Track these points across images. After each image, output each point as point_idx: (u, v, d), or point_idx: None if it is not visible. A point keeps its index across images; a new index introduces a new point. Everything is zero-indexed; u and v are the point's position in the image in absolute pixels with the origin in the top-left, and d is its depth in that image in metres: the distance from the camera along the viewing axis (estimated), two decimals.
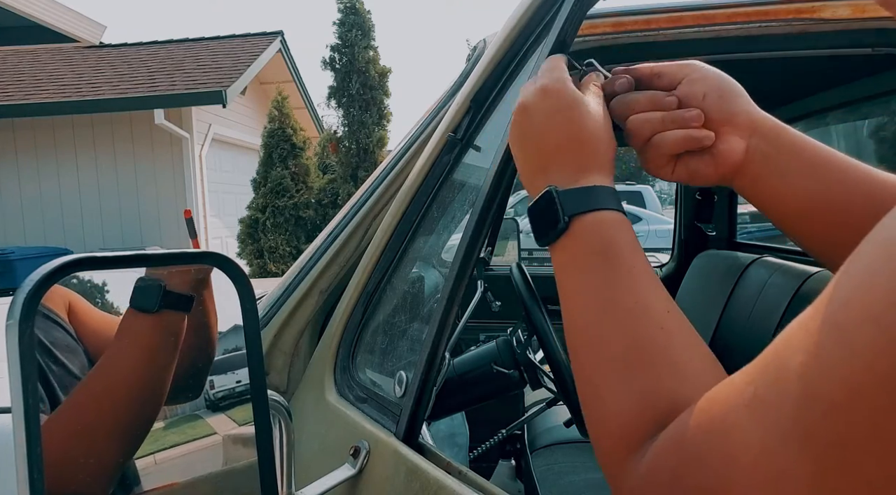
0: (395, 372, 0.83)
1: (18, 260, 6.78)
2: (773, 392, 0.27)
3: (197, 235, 7.28)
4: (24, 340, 0.41)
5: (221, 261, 0.57)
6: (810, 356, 0.25)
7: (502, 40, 0.82)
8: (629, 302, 0.43)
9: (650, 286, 0.44)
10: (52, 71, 9.30)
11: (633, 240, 0.46)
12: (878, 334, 0.23)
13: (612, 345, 0.42)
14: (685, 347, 0.41)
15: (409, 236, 0.94)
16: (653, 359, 0.40)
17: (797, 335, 0.27)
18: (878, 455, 0.23)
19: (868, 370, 0.23)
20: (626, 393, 0.40)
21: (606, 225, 0.46)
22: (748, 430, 0.28)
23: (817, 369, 0.25)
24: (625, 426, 0.39)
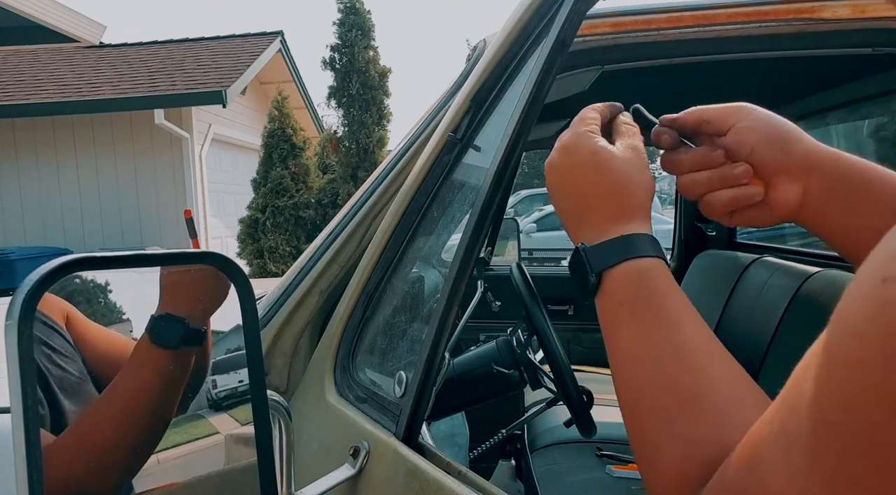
0: (395, 372, 0.83)
1: (18, 260, 6.78)
2: (792, 421, 0.27)
3: (197, 235, 7.27)
4: (23, 340, 0.41)
5: (221, 261, 0.57)
6: (818, 381, 0.26)
7: (502, 40, 0.82)
8: (661, 350, 0.43)
9: (683, 329, 0.43)
10: (53, 71, 9.30)
11: (664, 285, 0.45)
12: (860, 347, 0.23)
13: (650, 394, 0.42)
14: (725, 387, 0.41)
15: (408, 236, 0.94)
16: (690, 406, 0.40)
17: (810, 363, 0.27)
18: (881, 469, 0.23)
19: (862, 388, 0.23)
20: (670, 442, 0.40)
21: (634, 275, 0.46)
22: (774, 461, 0.28)
23: (822, 393, 0.25)
24: (674, 473, 0.39)
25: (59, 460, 0.51)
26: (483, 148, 0.87)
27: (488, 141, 0.85)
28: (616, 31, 0.94)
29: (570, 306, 2.38)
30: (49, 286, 0.43)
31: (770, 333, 1.44)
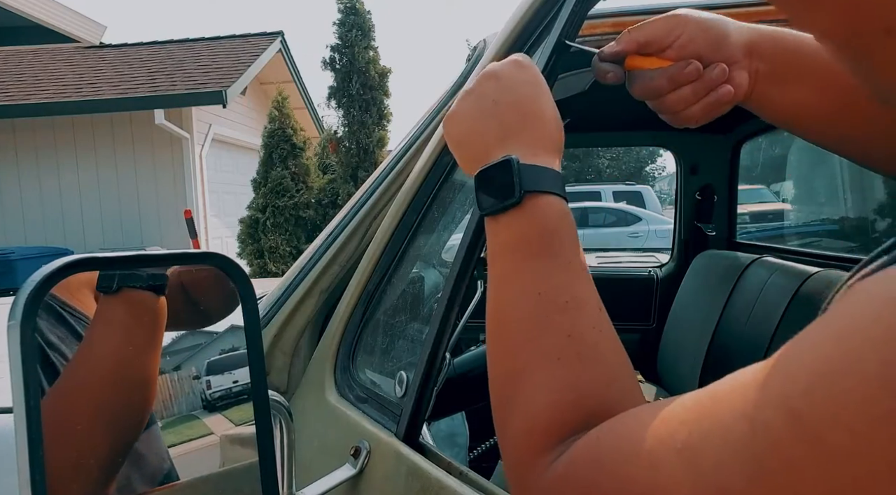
0: (396, 372, 0.83)
1: (19, 260, 6.78)
2: (710, 449, 0.26)
3: (197, 235, 7.27)
4: (25, 341, 0.41)
5: (222, 261, 0.57)
6: (757, 434, 0.24)
7: (503, 40, 0.82)
8: (566, 295, 0.41)
9: (586, 283, 0.42)
10: (53, 71, 9.30)
11: (575, 233, 0.45)
12: (792, 423, 0.23)
13: (546, 337, 0.40)
14: (614, 351, 0.40)
15: (409, 236, 0.94)
16: (583, 357, 0.39)
17: (737, 397, 0.26)
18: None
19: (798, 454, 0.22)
20: (553, 389, 0.38)
21: (556, 210, 0.44)
22: (678, 474, 0.27)
23: (769, 452, 0.24)
24: (549, 417, 0.37)
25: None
26: None
27: None
28: (616, 31, 0.94)
29: None
30: (51, 287, 0.43)
31: (770, 333, 1.44)
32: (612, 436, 0.32)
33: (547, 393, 0.38)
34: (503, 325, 0.43)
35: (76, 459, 0.52)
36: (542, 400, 0.38)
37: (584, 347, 0.39)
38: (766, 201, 5.73)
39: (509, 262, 0.44)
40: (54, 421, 0.51)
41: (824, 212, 3.26)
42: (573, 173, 19.58)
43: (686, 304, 2.08)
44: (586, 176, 19.38)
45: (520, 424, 0.39)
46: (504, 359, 0.42)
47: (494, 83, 0.50)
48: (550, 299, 0.41)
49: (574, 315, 0.40)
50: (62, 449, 0.50)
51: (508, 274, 0.44)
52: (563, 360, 0.39)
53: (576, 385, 0.38)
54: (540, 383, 0.39)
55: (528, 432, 0.38)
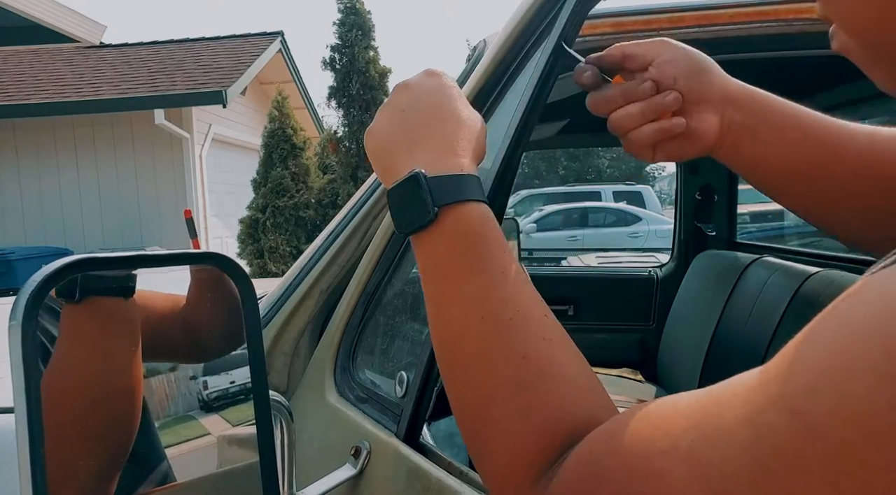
0: (396, 372, 0.83)
1: (19, 260, 6.78)
2: (716, 456, 0.25)
3: (197, 235, 7.27)
4: (26, 341, 0.41)
5: (222, 261, 0.57)
6: (761, 436, 0.24)
7: (503, 40, 0.82)
8: (509, 311, 0.38)
9: (525, 289, 0.40)
10: (53, 71, 9.30)
11: (501, 237, 0.42)
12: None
13: (499, 361, 0.37)
14: (570, 358, 0.38)
15: None
16: (544, 375, 0.36)
17: (738, 401, 0.26)
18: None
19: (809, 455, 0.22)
20: (520, 415, 0.35)
21: (476, 219, 0.42)
22: (684, 483, 0.26)
23: (771, 452, 0.23)
24: (529, 448, 0.35)
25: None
26: None
27: (489, 141, 0.85)
28: (617, 31, 0.94)
29: (570, 306, 2.38)
30: (52, 287, 0.43)
31: (770, 333, 1.44)
32: (607, 449, 0.31)
33: (518, 422, 0.36)
34: (452, 354, 0.40)
35: (63, 476, 0.50)
36: (515, 430, 0.36)
37: (542, 363, 0.37)
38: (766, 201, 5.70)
39: (442, 286, 0.41)
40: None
41: None
42: (573, 173, 19.59)
43: (686, 304, 2.08)
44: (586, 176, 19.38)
45: (499, 459, 0.36)
46: (462, 391, 0.39)
47: (404, 93, 0.49)
48: (494, 319, 0.38)
49: (523, 331, 0.38)
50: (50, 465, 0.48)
51: (444, 298, 0.41)
52: (524, 385, 0.36)
53: (545, 407, 0.36)
54: (507, 414, 0.36)
55: (510, 466, 0.36)
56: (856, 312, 0.23)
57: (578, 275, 2.71)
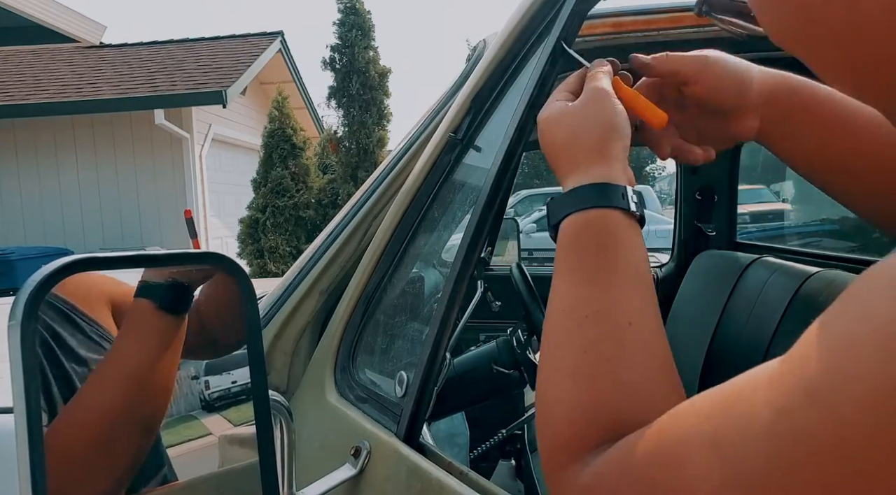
0: (396, 372, 0.83)
1: (19, 260, 6.77)
2: (739, 438, 0.26)
3: (197, 235, 7.27)
4: (26, 341, 0.41)
5: (222, 261, 0.57)
6: (780, 415, 0.24)
7: (503, 40, 0.82)
8: (587, 309, 0.42)
9: (613, 293, 0.43)
10: (53, 71, 9.29)
11: (608, 241, 0.45)
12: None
13: (565, 351, 0.41)
14: (639, 363, 0.40)
15: (409, 236, 0.94)
16: (598, 372, 0.40)
17: (764, 384, 0.26)
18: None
19: (833, 441, 0.22)
20: (570, 402, 0.39)
21: (574, 227, 0.46)
22: (706, 467, 0.27)
23: (787, 431, 0.24)
24: (568, 432, 0.39)
25: (61, 434, 0.50)
26: (483, 148, 0.87)
27: (489, 141, 0.85)
28: (617, 31, 0.94)
29: None
30: (52, 286, 0.43)
31: (770, 333, 1.44)
32: (637, 443, 0.33)
33: (562, 409, 0.40)
34: (544, 335, 0.45)
35: (101, 460, 0.53)
36: (558, 416, 0.40)
37: (601, 363, 0.40)
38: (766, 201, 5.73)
39: (554, 282, 0.46)
40: (84, 421, 0.52)
41: (824, 212, 3.26)
42: None
43: (686, 304, 2.08)
44: None
45: (546, 435, 0.40)
46: (540, 371, 0.44)
47: (593, 103, 0.52)
48: (571, 314, 0.42)
49: (591, 330, 0.41)
50: (89, 448, 0.51)
51: (550, 294, 0.46)
52: (576, 376, 0.40)
53: (587, 401, 0.39)
54: (556, 398, 0.41)
55: (552, 445, 0.39)
56: (867, 295, 0.23)
57: None
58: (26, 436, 0.41)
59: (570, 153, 0.50)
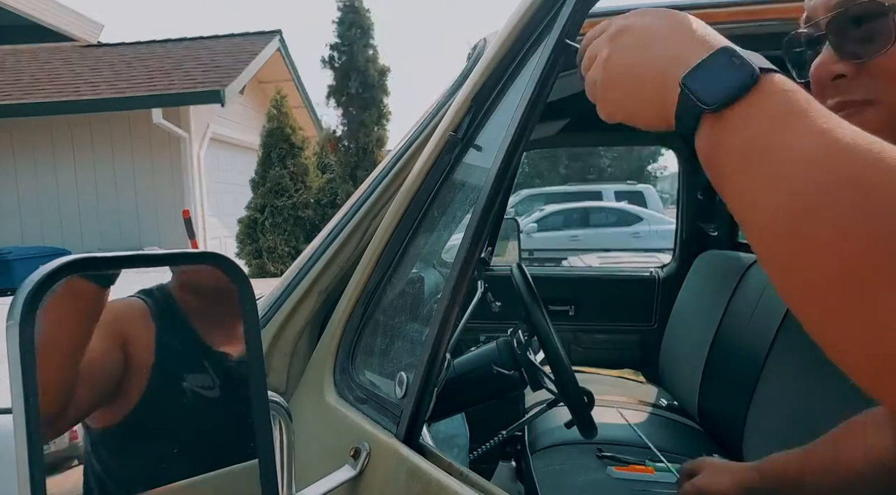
0: (395, 373, 0.83)
1: (16, 260, 6.77)
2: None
3: (195, 236, 7.27)
4: (24, 340, 0.41)
5: (221, 261, 0.56)
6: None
7: (504, 39, 0.82)
8: (846, 146, 0.30)
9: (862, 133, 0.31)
10: (51, 70, 9.28)
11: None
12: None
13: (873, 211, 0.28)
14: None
15: (409, 236, 0.94)
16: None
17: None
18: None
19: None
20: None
21: (792, 84, 0.36)
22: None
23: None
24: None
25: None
26: (484, 147, 0.87)
27: (489, 140, 0.84)
28: None
29: (572, 306, 2.38)
30: (50, 287, 0.43)
31: (772, 333, 1.44)
32: None
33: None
34: (795, 231, 0.31)
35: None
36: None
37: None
38: None
39: (764, 154, 0.33)
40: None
41: None
42: (574, 173, 19.61)
43: (688, 305, 2.08)
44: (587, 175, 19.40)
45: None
46: (819, 278, 0.30)
47: (634, 29, 0.46)
48: (844, 163, 0.30)
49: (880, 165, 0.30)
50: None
51: (773, 156, 0.33)
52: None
53: None
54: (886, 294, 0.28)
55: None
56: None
57: (580, 275, 2.71)
58: (25, 436, 0.40)
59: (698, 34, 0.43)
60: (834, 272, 0.29)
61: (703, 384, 1.75)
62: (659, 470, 1.39)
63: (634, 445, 1.55)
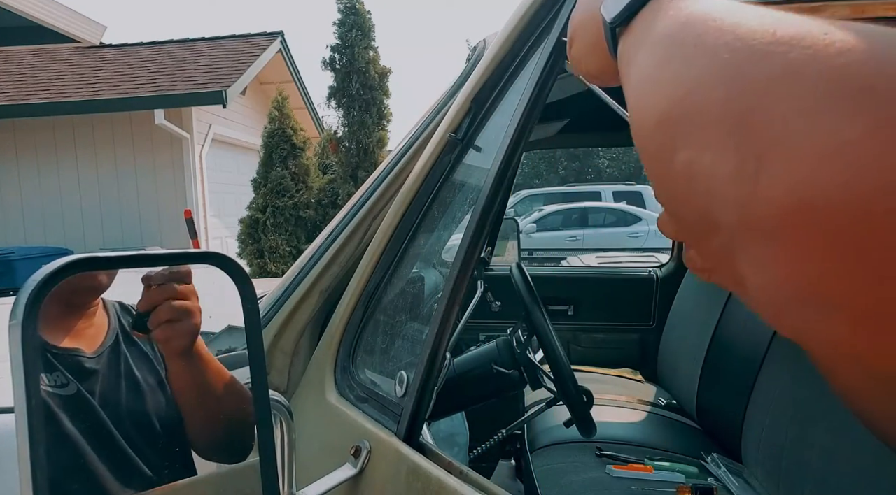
0: (396, 372, 0.83)
1: (19, 260, 6.78)
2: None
3: (197, 235, 7.27)
4: (26, 340, 0.41)
5: (223, 261, 0.57)
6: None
7: (503, 40, 0.82)
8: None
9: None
10: (53, 71, 9.29)
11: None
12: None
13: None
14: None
15: (409, 236, 0.94)
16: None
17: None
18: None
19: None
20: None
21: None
22: None
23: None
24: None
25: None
26: (484, 148, 0.87)
27: (489, 141, 0.85)
28: None
29: (570, 306, 2.38)
30: (53, 286, 0.43)
31: (770, 332, 1.44)
32: None
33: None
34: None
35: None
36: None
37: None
38: None
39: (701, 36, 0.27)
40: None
41: None
42: (573, 173, 19.58)
43: (686, 304, 2.08)
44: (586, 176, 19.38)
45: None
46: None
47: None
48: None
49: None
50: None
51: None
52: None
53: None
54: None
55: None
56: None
57: (578, 275, 2.71)
58: (27, 436, 0.41)
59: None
60: (655, 117, 0.29)
61: (701, 383, 1.75)
62: (658, 468, 1.40)
63: (633, 444, 1.56)
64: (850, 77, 0.21)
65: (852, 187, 0.20)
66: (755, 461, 1.38)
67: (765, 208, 0.22)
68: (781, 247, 0.21)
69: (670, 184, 0.28)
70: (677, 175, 0.27)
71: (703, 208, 0.25)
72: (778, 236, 0.22)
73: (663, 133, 0.28)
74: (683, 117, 0.26)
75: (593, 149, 17.71)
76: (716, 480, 1.37)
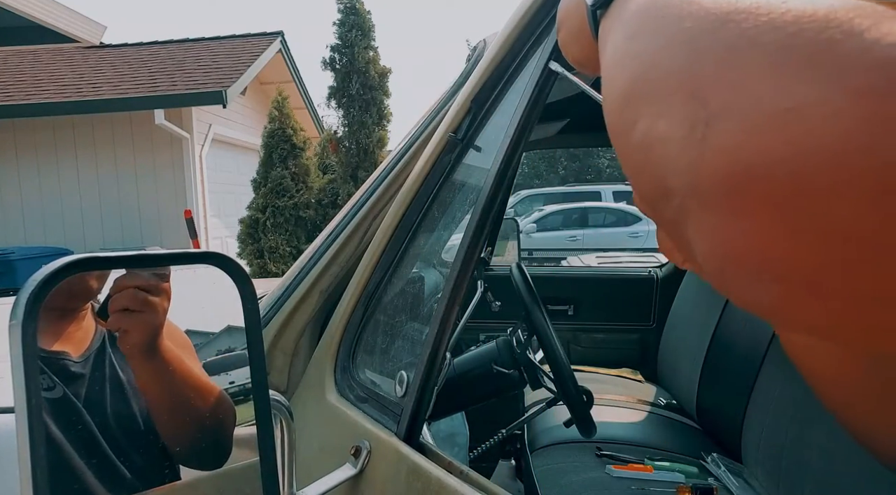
0: (396, 372, 0.83)
1: (19, 260, 6.78)
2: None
3: (197, 235, 7.27)
4: (27, 340, 0.41)
5: (223, 261, 0.57)
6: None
7: (503, 40, 0.82)
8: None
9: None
10: (53, 71, 9.30)
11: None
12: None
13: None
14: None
15: (409, 236, 0.94)
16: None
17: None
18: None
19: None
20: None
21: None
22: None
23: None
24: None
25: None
26: (484, 148, 0.87)
27: (489, 141, 0.85)
28: None
29: (570, 306, 2.38)
30: (53, 286, 0.43)
31: (770, 333, 1.44)
32: None
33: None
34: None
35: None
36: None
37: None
38: None
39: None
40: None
41: None
42: (573, 173, 19.59)
43: (686, 304, 2.08)
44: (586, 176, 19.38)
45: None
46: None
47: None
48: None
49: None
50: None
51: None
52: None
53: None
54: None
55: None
56: None
57: (578, 275, 2.70)
58: (27, 436, 0.41)
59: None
60: (622, 93, 0.28)
61: (701, 383, 1.75)
62: (658, 468, 1.40)
63: (633, 444, 1.56)
64: (801, 46, 0.21)
65: (793, 156, 0.19)
66: (755, 461, 1.38)
67: (709, 173, 0.22)
68: (722, 214, 0.21)
69: (631, 152, 0.28)
70: (637, 144, 0.27)
71: (659, 176, 0.25)
72: (720, 202, 0.21)
73: (630, 108, 0.27)
74: (647, 89, 0.26)
75: (593, 149, 17.72)
76: (716, 480, 1.37)
